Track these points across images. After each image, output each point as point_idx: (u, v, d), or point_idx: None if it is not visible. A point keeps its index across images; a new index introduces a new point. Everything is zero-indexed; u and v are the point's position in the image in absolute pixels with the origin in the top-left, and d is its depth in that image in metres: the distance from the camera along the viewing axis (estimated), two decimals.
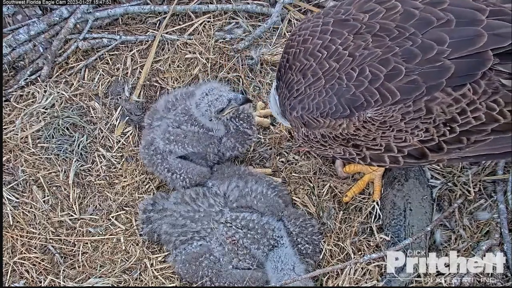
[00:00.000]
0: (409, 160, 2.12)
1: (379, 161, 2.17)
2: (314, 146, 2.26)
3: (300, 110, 2.18)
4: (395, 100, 1.96)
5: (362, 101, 2.01)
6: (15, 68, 3.14)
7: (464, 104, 1.94)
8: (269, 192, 2.66)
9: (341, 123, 2.08)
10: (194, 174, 2.71)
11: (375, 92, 1.99)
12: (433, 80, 1.93)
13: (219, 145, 2.74)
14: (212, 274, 2.50)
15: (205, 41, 3.15)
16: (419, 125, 2.00)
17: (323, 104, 2.09)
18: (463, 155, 2.10)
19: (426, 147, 2.06)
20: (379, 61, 2.00)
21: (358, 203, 2.73)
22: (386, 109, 1.99)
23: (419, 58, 1.94)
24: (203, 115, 2.62)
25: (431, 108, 1.95)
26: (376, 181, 2.74)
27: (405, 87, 1.95)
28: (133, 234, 2.77)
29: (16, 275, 2.67)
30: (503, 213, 2.56)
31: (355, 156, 2.19)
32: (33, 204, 2.82)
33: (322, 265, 2.60)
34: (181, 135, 2.69)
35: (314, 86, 2.14)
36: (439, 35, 1.95)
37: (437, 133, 2.01)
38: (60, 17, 3.14)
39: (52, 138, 2.96)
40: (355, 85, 2.02)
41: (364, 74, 2.01)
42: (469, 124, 1.98)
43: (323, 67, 2.12)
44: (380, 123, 2.02)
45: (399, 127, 2.02)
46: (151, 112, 2.86)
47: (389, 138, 2.06)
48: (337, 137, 2.14)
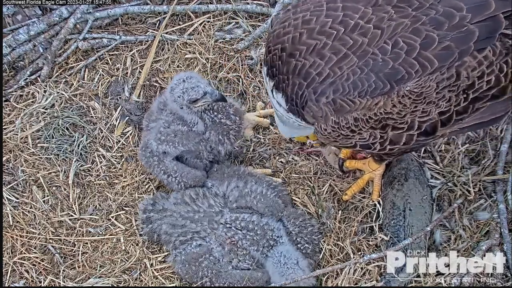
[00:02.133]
0: (420, 138, 2.12)
1: (395, 142, 2.13)
2: (343, 134, 2.12)
3: (331, 94, 2.02)
4: (434, 68, 1.96)
5: (403, 73, 1.96)
6: (15, 68, 3.15)
7: (484, 66, 1.99)
8: (268, 193, 2.66)
9: (378, 101, 2.00)
10: (189, 178, 2.72)
11: (414, 62, 1.95)
12: (463, 45, 1.96)
13: (208, 141, 2.74)
14: (212, 274, 2.50)
15: (205, 41, 3.15)
16: (445, 94, 2.01)
17: (361, 83, 1.98)
18: (462, 126, 2.14)
19: (440, 120, 2.07)
20: (410, 31, 1.97)
21: (358, 203, 2.73)
22: (425, 79, 1.97)
23: (446, 25, 1.96)
24: (174, 101, 2.61)
25: (460, 73, 1.98)
26: (376, 180, 2.73)
27: (441, 54, 1.95)
28: (133, 234, 2.78)
29: (16, 275, 2.67)
30: (503, 213, 2.56)
31: (377, 140, 2.14)
32: (33, 204, 2.83)
33: (322, 265, 2.59)
34: (172, 134, 2.70)
35: (344, 64, 2.00)
36: (454, 3, 2.00)
37: (455, 102, 2.03)
38: (60, 17, 3.15)
39: (52, 138, 2.96)
40: (392, 58, 1.96)
41: (399, 45, 1.97)
42: (481, 89, 2.03)
43: (346, 43, 2.00)
44: (417, 96, 1.99)
45: (430, 98, 2.01)
46: (148, 114, 2.87)
47: (417, 112, 2.04)
48: (370, 119, 2.05)
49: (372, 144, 2.16)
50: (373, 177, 2.74)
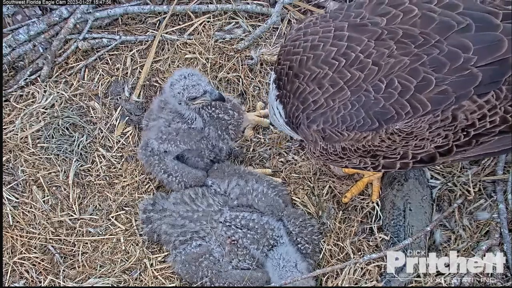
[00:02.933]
0: (417, 165, 2.11)
1: (390, 167, 2.14)
2: (331, 158, 2.18)
3: (321, 124, 2.08)
4: (426, 111, 1.92)
5: (393, 113, 1.95)
6: (15, 68, 3.14)
7: (486, 110, 1.93)
8: (269, 192, 2.67)
9: (367, 135, 2.02)
10: (189, 178, 2.72)
11: (406, 104, 1.93)
12: (462, 89, 1.90)
13: (209, 138, 2.73)
14: (212, 274, 2.50)
15: (205, 41, 3.15)
16: (441, 132, 1.98)
17: (350, 118, 2.01)
18: (466, 156, 2.10)
19: (438, 152, 2.05)
20: (408, 71, 1.93)
21: (357, 203, 2.73)
22: (416, 121, 1.95)
23: (448, 67, 1.90)
24: (174, 96, 2.61)
25: (457, 116, 1.94)
26: (375, 182, 2.74)
27: (436, 97, 1.91)
28: (133, 234, 2.78)
29: (16, 275, 2.67)
30: (503, 213, 2.56)
31: (369, 165, 2.16)
32: (33, 204, 2.83)
33: (322, 265, 2.60)
34: (173, 133, 2.70)
35: (337, 97, 2.03)
36: (462, 42, 1.92)
37: (454, 138, 2.00)
38: (60, 17, 3.15)
39: (52, 138, 2.96)
40: (384, 97, 1.95)
41: (393, 85, 1.94)
42: (483, 127, 1.98)
43: (344, 76, 2.02)
44: (407, 134, 1.98)
45: (423, 136, 1.99)
46: (147, 113, 2.87)
47: (410, 146, 2.03)
48: (358, 149, 2.08)
49: (364, 167, 2.18)
50: (372, 179, 2.74)
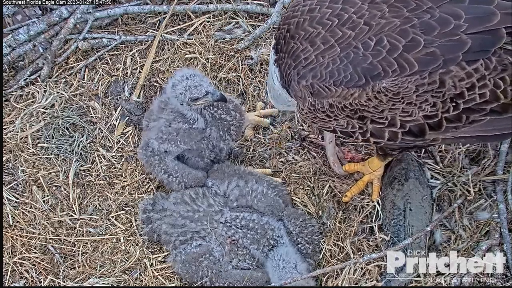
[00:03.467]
0: (407, 137, 2.12)
1: (378, 136, 2.15)
2: (319, 116, 2.19)
3: (310, 79, 2.12)
4: (413, 71, 1.96)
5: (380, 70, 1.99)
6: (15, 68, 3.15)
7: (475, 79, 1.96)
8: (269, 192, 2.66)
9: (354, 92, 2.04)
10: (190, 179, 2.72)
11: (393, 62, 1.97)
12: (450, 53, 1.95)
13: (210, 138, 2.73)
14: (212, 274, 2.50)
15: (205, 41, 3.15)
16: (428, 98, 2.00)
17: (338, 72, 2.05)
18: (457, 135, 2.11)
19: (427, 123, 2.07)
20: (398, 31, 1.99)
21: (358, 203, 2.73)
22: (402, 80, 1.98)
23: (437, 31, 1.96)
24: (176, 97, 2.60)
25: (444, 81, 1.97)
26: (375, 182, 2.74)
27: (423, 58, 1.95)
28: (133, 234, 2.78)
29: (16, 275, 2.67)
30: (503, 213, 2.56)
31: (356, 129, 2.16)
32: (33, 204, 2.82)
33: (322, 265, 2.59)
34: (173, 133, 2.70)
35: (327, 54, 2.09)
36: (454, 11, 1.97)
37: (442, 108, 2.02)
38: (60, 17, 3.15)
39: (52, 138, 2.96)
40: (373, 54, 2.00)
41: (382, 43, 1.99)
42: (473, 101, 2.00)
43: (335, 34, 2.08)
44: (393, 94, 2.01)
45: (410, 99, 2.01)
46: (148, 113, 2.87)
47: (397, 111, 2.05)
48: (345, 107, 2.10)
49: (352, 133, 2.19)
50: (372, 178, 2.74)
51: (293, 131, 2.95)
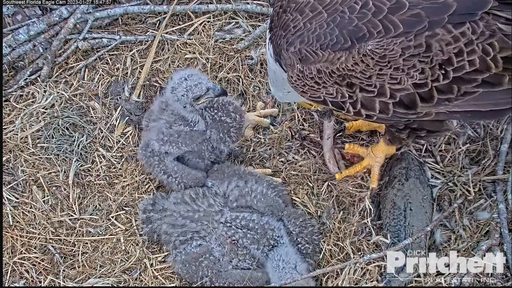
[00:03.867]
0: (399, 110, 2.11)
1: (369, 107, 2.13)
2: (308, 84, 2.19)
3: (298, 44, 2.13)
4: (398, 32, 1.97)
5: (365, 31, 2.00)
6: (15, 68, 3.15)
7: (462, 44, 1.95)
8: (269, 192, 2.66)
9: (340, 56, 2.05)
10: (189, 179, 2.72)
11: (378, 23, 1.99)
12: (435, 15, 1.95)
13: (210, 140, 2.73)
14: (212, 274, 2.50)
15: (205, 41, 3.15)
16: (416, 64, 1.99)
17: (324, 36, 2.07)
18: (451, 109, 2.09)
19: (418, 94, 2.05)
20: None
21: (357, 204, 2.72)
22: (387, 42, 1.98)
23: None
24: (178, 100, 2.59)
25: (431, 45, 1.96)
26: (375, 169, 2.69)
27: (408, 20, 1.96)
28: (133, 234, 2.77)
29: (16, 275, 2.67)
30: (503, 213, 2.56)
31: (346, 99, 2.15)
32: (33, 204, 2.82)
33: (322, 265, 2.59)
34: (175, 135, 2.69)
35: (315, 20, 2.11)
36: None
37: (432, 76, 2.01)
38: (60, 17, 3.15)
39: (52, 138, 2.96)
40: (358, 17, 2.02)
41: (367, 6, 2.02)
42: (463, 69, 1.99)
43: (323, 2, 2.12)
44: (380, 57, 2.00)
45: (397, 63, 2.00)
46: (148, 113, 2.87)
47: (385, 77, 2.04)
48: (333, 73, 2.09)
49: (342, 103, 2.17)
50: (372, 164, 2.70)
51: (293, 131, 2.95)
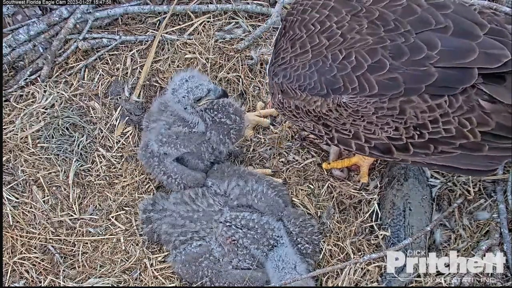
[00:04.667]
0: (375, 152, 2.13)
1: (345, 145, 2.17)
2: (287, 114, 2.26)
3: (281, 78, 2.18)
4: (372, 93, 1.96)
5: (341, 85, 2.01)
6: (15, 68, 3.14)
7: (437, 114, 1.94)
8: (269, 192, 2.66)
9: (316, 100, 2.09)
10: (189, 180, 2.72)
11: (355, 80, 1.98)
12: (413, 83, 1.92)
13: (209, 142, 2.73)
14: (212, 274, 2.50)
15: (205, 41, 3.15)
16: (389, 122, 2.00)
17: (303, 78, 2.10)
18: (428, 161, 2.09)
19: (393, 144, 2.06)
20: (367, 50, 1.99)
21: (357, 203, 2.72)
22: (361, 99, 1.99)
23: (406, 57, 1.93)
24: (179, 102, 2.59)
25: (405, 110, 1.95)
26: (364, 168, 2.72)
27: (384, 82, 1.95)
28: (133, 234, 2.77)
29: (16, 275, 2.67)
30: (503, 213, 2.56)
31: (323, 134, 2.20)
32: (33, 204, 2.82)
33: (322, 265, 2.59)
34: (173, 136, 2.69)
35: (300, 58, 2.14)
36: (431, 39, 1.93)
37: (406, 134, 2.01)
38: (60, 17, 3.14)
39: (52, 138, 2.96)
40: (338, 67, 2.02)
41: (350, 59, 2.01)
42: (438, 134, 1.98)
43: (313, 41, 2.13)
44: (353, 111, 2.02)
45: (370, 119, 2.02)
46: (148, 114, 2.87)
47: (359, 127, 2.07)
48: (309, 112, 2.14)
49: (320, 136, 2.23)
50: (361, 163, 2.73)
51: (293, 131, 2.95)
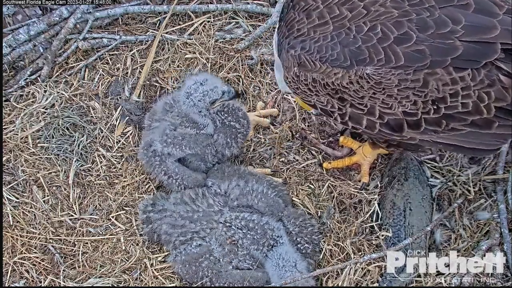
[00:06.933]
0: (384, 130, 2.13)
1: (356, 122, 2.16)
2: (301, 88, 2.22)
3: (299, 50, 2.14)
4: (398, 64, 1.97)
5: (366, 56, 2.00)
6: (15, 68, 3.14)
7: (459, 87, 1.96)
8: (269, 192, 2.66)
9: (337, 72, 2.06)
10: (190, 181, 2.71)
11: (381, 51, 1.98)
12: (439, 56, 1.94)
13: (215, 144, 2.73)
14: (212, 274, 2.50)
15: (205, 41, 3.15)
16: (410, 95, 2.01)
17: (325, 49, 2.07)
18: (435, 140, 2.11)
19: (406, 120, 2.07)
20: (393, 22, 1.99)
21: (358, 203, 2.72)
22: (386, 71, 1.98)
23: (432, 30, 1.95)
24: (194, 105, 2.59)
25: (428, 82, 1.97)
26: (364, 167, 2.72)
27: (411, 54, 1.95)
28: (133, 234, 2.77)
29: (16, 275, 2.67)
30: (503, 213, 2.56)
31: (336, 109, 2.18)
32: (33, 204, 2.82)
33: (322, 265, 2.59)
34: (179, 137, 2.69)
35: (319, 29, 2.11)
36: (455, 15, 1.97)
37: (423, 109, 2.02)
38: (60, 17, 3.14)
39: (52, 138, 2.96)
40: (363, 39, 2.01)
41: (375, 31, 2.00)
42: (455, 109, 2.00)
43: (332, 12, 2.11)
44: (375, 83, 2.02)
45: (391, 92, 2.02)
46: (151, 113, 2.86)
47: (377, 100, 2.06)
48: (327, 85, 2.11)
49: (331, 112, 2.20)
50: (362, 162, 2.73)
51: (293, 131, 2.95)
